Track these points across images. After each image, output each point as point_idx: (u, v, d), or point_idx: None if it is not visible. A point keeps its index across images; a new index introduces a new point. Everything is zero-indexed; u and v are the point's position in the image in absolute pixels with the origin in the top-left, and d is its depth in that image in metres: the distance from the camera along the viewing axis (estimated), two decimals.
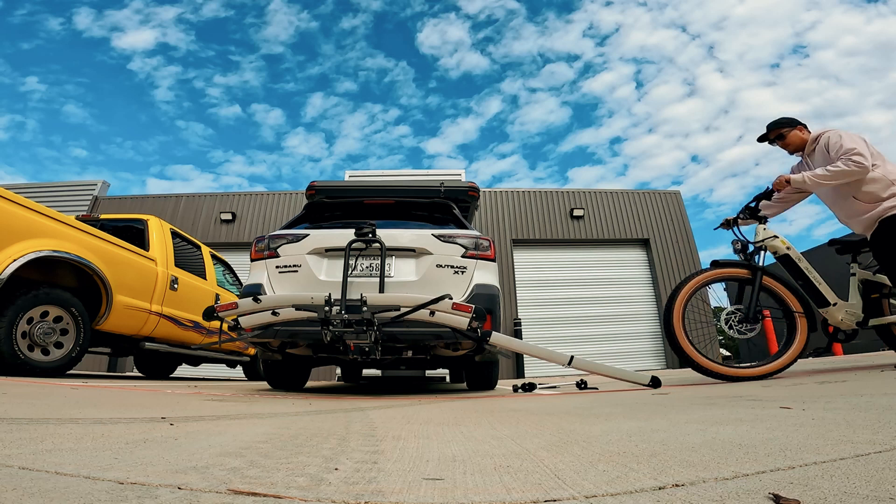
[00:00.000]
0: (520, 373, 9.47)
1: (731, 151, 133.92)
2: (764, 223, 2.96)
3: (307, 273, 2.83)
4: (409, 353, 3.02)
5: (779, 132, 3.03)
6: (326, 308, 2.41)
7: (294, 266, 2.86)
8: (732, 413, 1.30)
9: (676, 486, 0.61)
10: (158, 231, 4.63)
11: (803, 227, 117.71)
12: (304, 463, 0.78)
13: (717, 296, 2.97)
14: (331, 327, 2.41)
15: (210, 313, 2.59)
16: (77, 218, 4.15)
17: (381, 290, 2.68)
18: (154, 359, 5.80)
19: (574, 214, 11.51)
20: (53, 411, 1.36)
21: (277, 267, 2.89)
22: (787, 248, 2.89)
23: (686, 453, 0.80)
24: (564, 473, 0.70)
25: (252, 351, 6.08)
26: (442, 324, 2.49)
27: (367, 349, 2.51)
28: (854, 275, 3.04)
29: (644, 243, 11.59)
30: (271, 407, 1.88)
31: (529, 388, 3.16)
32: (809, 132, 3.01)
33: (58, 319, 3.37)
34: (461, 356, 3.13)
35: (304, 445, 0.95)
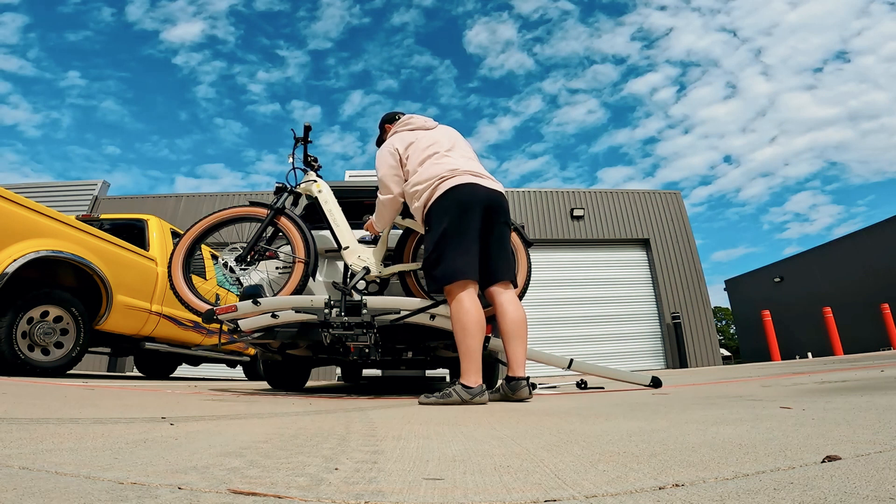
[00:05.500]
0: None
1: (763, 152, 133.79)
2: (315, 169, 2.95)
3: None
4: (409, 354, 3.01)
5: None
6: (326, 310, 2.41)
7: None
8: (732, 413, 1.30)
9: (676, 485, 0.61)
10: (158, 231, 4.63)
11: (824, 225, 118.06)
12: (304, 463, 0.78)
13: None
14: (330, 330, 2.41)
15: (210, 316, 2.59)
16: (77, 218, 4.15)
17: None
18: (154, 359, 5.80)
19: (574, 214, 11.51)
20: (53, 411, 1.36)
21: (277, 268, 2.89)
22: (319, 192, 2.83)
23: (686, 453, 0.80)
24: (564, 473, 0.70)
25: (252, 351, 6.08)
26: (442, 328, 2.49)
27: (366, 350, 2.51)
28: None
29: (644, 243, 11.59)
30: (271, 407, 1.88)
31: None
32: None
33: (58, 319, 3.37)
34: None
35: (304, 445, 0.95)
